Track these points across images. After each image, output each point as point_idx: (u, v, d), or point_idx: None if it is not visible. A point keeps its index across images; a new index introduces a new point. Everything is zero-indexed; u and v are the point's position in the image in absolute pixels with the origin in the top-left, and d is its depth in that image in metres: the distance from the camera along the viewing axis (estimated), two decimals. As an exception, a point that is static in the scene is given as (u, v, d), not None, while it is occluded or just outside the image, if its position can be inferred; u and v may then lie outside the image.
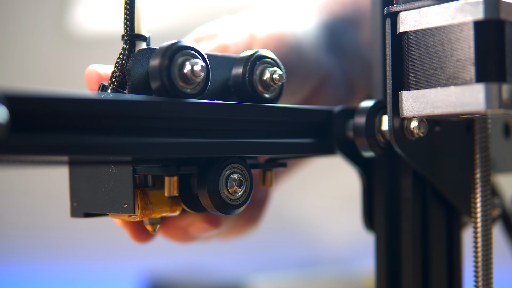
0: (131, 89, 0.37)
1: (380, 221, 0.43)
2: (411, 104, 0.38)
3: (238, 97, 0.40)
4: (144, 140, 0.34)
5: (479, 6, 0.35)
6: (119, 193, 0.37)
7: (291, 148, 0.41)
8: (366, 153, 0.42)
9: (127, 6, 0.38)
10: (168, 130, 0.35)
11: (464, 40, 0.35)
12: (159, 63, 0.35)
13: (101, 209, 0.38)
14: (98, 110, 0.32)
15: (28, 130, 0.29)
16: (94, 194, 0.39)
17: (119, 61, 0.38)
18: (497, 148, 0.47)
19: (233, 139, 0.38)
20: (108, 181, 0.38)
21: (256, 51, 0.40)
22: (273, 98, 0.40)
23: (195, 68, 0.36)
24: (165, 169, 0.37)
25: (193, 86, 0.36)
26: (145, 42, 0.38)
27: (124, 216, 0.38)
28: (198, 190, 0.38)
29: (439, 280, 0.43)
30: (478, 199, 0.40)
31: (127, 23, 0.38)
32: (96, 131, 0.32)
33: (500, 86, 0.34)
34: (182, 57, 0.36)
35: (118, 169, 0.37)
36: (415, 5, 0.37)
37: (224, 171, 0.38)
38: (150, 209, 0.38)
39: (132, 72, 0.37)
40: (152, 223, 0.39)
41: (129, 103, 0.34)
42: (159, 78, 0.35)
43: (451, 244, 0.44)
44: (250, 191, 0.39)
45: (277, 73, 0.40)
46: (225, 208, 0.38)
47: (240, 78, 0.40)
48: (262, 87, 0.40)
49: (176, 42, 0.36)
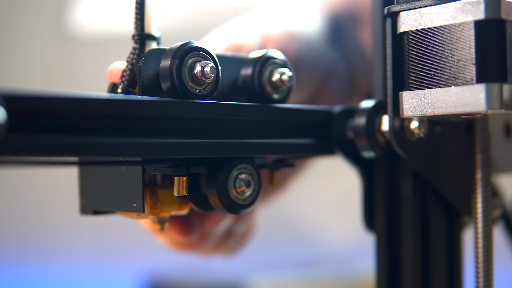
0: (141, 89, 0.37)
1: (380, 221, 0.43)
2: (412, 104, 0.38)
3: (247, 97, 0.41)
4: (147, 141, 0.34)
5: (480, 6, 0.34)
6: (128, 192, 0.38)
7: (292, 149, 0.41)
8: (366, 153, 0.42)
9: (138, 6, 0.38)
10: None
11: (464, 40, 0.35)
12: (169, 64, 0.36)
13: (111, 208, 0.39)
14: (98, 110, 0.32)
15: (26, 130, 0.29)
16: (103, 192, 0.39)
17: (129, 61, 0.38)
18: (498, 148, 0.46)
19: (238, 140, 0.38)
20: (118, 180, 0.38)
21: (266, 52, 0.40)
22: (282, 99, 0.41)
23: (205, 69, 0.36)
24: (174, 169, 0.37)
25: (203, 87, 0.37)
26: (156, 42, 0.38)
27: (133, 214, 0.39)
28: (207, 189, 0.38)
29: (439, 280, 0.43)
30: (478, 199, 0.40)
31: (138, 23, 0.38)
32: (96, 131, 0.32)
33: (501, 86, 0.34)
34: (193, 58, 0.36)
35: (128, 168, 0.38)
36: (415, 5, 0.37)
37: (233, 172, 0.38)
38: (158, 208, 0.39)
39: (142, 72, 0.37)
40: (161, 221, 0.40)
41: (129, 103, 0.34)
42: (170, 78, 0.36)
43: (451, 245, 0.44)
44: (258, 191, 0.39)
45: (286, 74, 0.40)
46: (234, 208, 0.38)
47: (249, 78, 0.40)
48: (271, 87, 0.40)
49: (187, 43, 0.36)
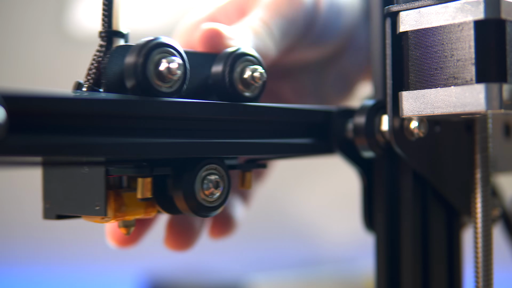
0: (106, 87, 0.36)
1: (380, 221, 0.43)
2: (411, 104, 0.38)
3: (217, 95, 0.39)
4: (150, 141, 0.33)
5: (480, 5, 0.34)
6: (91, 194, 0.36)
7: (291, 149, 0.41)
8: (366, 153, 0.42)
9: (105, 2, 0.36)
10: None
11: (464, 40, 0.35)
12: (134, 60, 0.34)
13: (74, 211, 0.37)
14: (98, 110, 0.32)
15: (26, 130, 0.29)
16: (67, 195, 0.37)
17: (95, 58, 0.36)
18: (497, 148, 0.46)
19: (233, 140, 0.38)
20: (81, 182, 0.36)
21: (237, 49, 0.38)
22: (254, 97, 0.39)
23: (171, 66, 0.34)
24: (138, 170, 0.35)
25: (170, 85, 0.35)
26: (124, 39, 0.37)
27: (97, 218, 0.37)
28: (173, 192, 0.36)
29: (439, 280, 0.43)
30: (478, 199, 0.40)
31: (105, 19, 0.36)
32: (96, 131, 0.32)
33: (500, 86, 0.34)
34: (159, 54, 0.35)
35: (91, 170, 0.36)
36: (415, 5, 0.37)
37: (200, 172, 0.36)
38: (123, 211, 0.36)
39: (107, 69, 0.35)
40: (126, 225, 0.38)
41: (130, 103, 0.34)
42: (134, 76, 0.34)
43: (451, 244, 0.44)
44: (228, 192, 0.38)
45: (258, 71, 0.38)
46: (202, 211, 0.36)
47: (219, 76, 0.38)
48: (242, 85, 0.38)
49: (153, 39, 0.35)
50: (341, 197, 1.35)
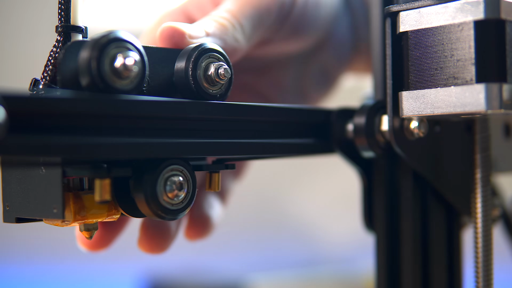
0: (61, 84, 0.34)
1: (380, 221, 0.43)
2: (411, 104, 0.38)
3: (181, 93, 0.37)
4: (155, 141, 0.33)
5: (480, 6, 0.34)
6: (48, 197, 0.34)
7: (292, 148, 0.41)
8: (366, 153, 0.42)
9: None
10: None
11: (464, 40, 0.35)
12: (88, 56, 0.32)
13: (32, 214, 0.35)
14: (99, 110, 0.32)
15: (26, 130, 0.29)
16: (25, 197, 0.35)
17: (52, 55, 0.35)
18: (497, 148, 0.46)
19: (235, 140, 0.37)
20: (38, 184, 0.34)
21: (201, 44, 0.37)
22: (221, 95, 0.37)
23: (127, 62, 0.32)
24: (95, 171, 0.33)
25: (127, 82, 0.33)
26: (82, 35, 0.35)
27: (57, 221, 0.35)
28: (135, 194, 0.35)
29: (439, 280, 0.43)
30: (478, 199, 0.40)
31: (62, 13, 0.35)
32: (96, 131, 0.32)
33: (500, 86, 0.34)
34: (115, 49, 0.32)
35: (48, 171, 0.34)
36: (415, 5, 0.37)
37: (163, 174, 0.34)
38: (83, 215, 0.35)
39: (62, 66, 0.34)
40: (88, 229, 0.36)
41: (130, 103, 0.34)
42: (88, 72, 0.32)
43: (451, 244, 0.44)
44: (193, 193, 0.36)
45: (222, 68, 0.37)
46: (166, 214, 0.34)
47: (183, 73, 0.36)
48: (207, 82, 0.37)
49: (109, 33, 0.33)
50: (341, 197, 1.35)
